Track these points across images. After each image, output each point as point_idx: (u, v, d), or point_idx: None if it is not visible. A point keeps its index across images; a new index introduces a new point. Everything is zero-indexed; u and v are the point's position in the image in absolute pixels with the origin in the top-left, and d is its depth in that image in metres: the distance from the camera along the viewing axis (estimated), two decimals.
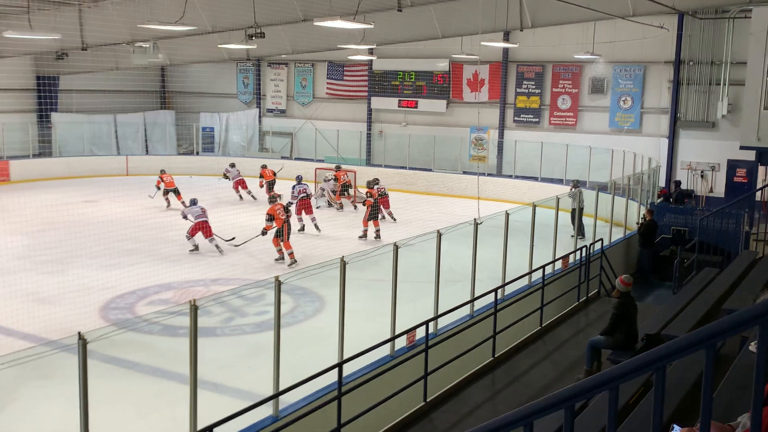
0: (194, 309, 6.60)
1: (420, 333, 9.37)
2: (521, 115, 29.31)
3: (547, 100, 28.67)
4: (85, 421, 5.86)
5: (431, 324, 9.61)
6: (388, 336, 9.12)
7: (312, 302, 13.77)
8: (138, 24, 20.19)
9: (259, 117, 35.48)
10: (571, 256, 14.09)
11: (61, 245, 17.29)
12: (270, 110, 35.55)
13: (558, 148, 26.74)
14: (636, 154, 22.79)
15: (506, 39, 26.74)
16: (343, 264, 8.26)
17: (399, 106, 31.90)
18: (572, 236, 17.22)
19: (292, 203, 20.40)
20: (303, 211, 20.70)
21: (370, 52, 29.38)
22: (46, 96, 30.69)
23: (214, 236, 17.96)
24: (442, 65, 30.38)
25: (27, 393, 9.59)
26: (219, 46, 24.72)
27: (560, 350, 11.70)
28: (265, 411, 7.46)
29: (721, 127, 24.83)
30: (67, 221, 20.17)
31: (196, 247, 17.98)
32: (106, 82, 32.37)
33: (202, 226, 18.01)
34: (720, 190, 24.47)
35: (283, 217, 16.91)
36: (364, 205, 20.78)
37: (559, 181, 25.48)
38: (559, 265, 13.62)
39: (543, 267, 12.64)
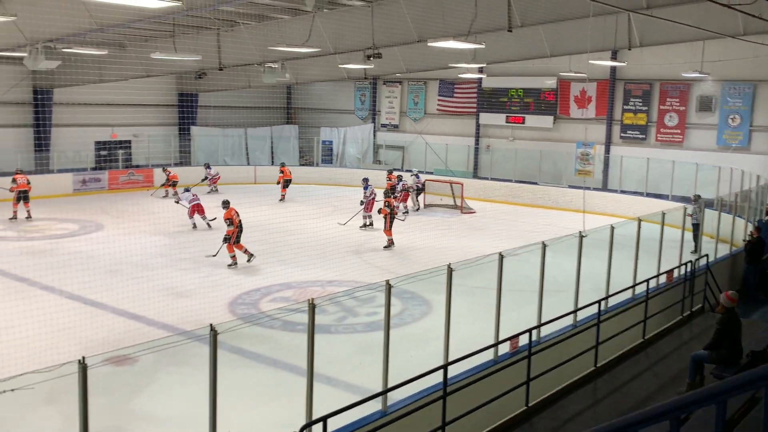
0: (312, 307, 6.73)
1: (523, 340, 9.19)
2: (628, 132, 28.32)
3: (654, 117, 27.58)
4: (214, 404, 6.08)
5: (534, 331, 9.41)
6: (492, 341, 8.99)
7: (419, 306, 13.78)
8: (268, 46, 20.90)
9: (374, 131, 35.95)
10: (676, 271, 13.47)
11: (195, 245, 18.11)
12: (384, 125, 35.95)
13: (664, 165, 25.66)
14: (744, 172, 21.54)
15: (614, 57, 25.95)
16: (450, 271, 8.23)
17: (506, 122, 31.53)
18: (692, 252, 16.45)
19: (363, 202, 21.54)
20: (370, 210, 21.62)
21: (480, 70, 29.20)
22: (186, 111, 32.35)
23: (206, 215, 20.90)
24: (550, 83, 29.81)
25: (163, 377, 10.07)
26: (339, 66, 25.28)
27: (662, 363, 11.19)
28: (374, 406, 7.51)
29: None
30: (202, 224, 21.12)
31: (195, 225, 20.89)
32: (238, 99, 33.77)
33: (198, 207, 21.07)
34: None
35: (238, 220, 16.89)
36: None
37: (665, 197, 24.42)
38: (663, 279, 13.04)
39: (647, 281, 12.15)
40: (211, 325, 5.91)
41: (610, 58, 25.75)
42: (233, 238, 16.69)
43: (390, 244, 19.27)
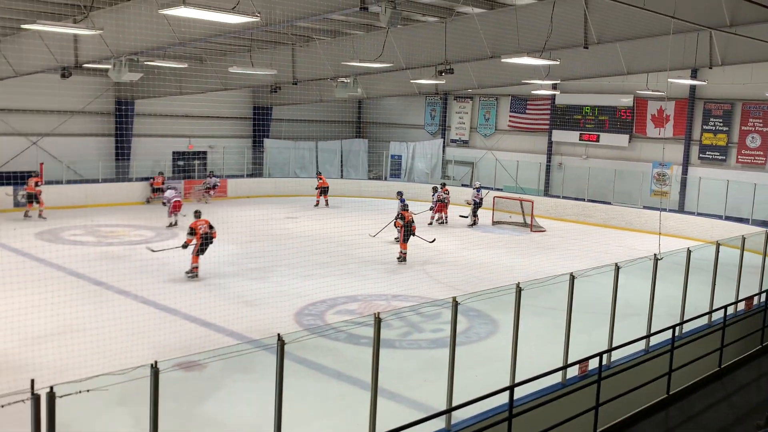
0: (378, 321, 6.73)
1: (593, 364, 8.96)
2: (707, 152, 27.41)
3: (735, 138, 26.61)
4: (279, 413, 6.13)
5: (605, 355, 9.16)
6: (560, 364, 8.79)
7: (485, 324, 13.62)
8: (341, 61, 21.19)
9: (443, 147, 35.90)
10: (756, 298, 12.91)
11: (265, 255, 18.43)
12: (453, 140, 35.87)
13: (745, 187, 24.69)
14: None
15: (694, 76, 25.21)
16: (519, 290, 8.10)
17: (580, 140, 30.99)
18: None
19: (398, 218, 20.42)
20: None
21: (554, 86, 28.84)
22: (260, 124, 33.09)
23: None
24: (626, 101, 29.17)
25: (230, 384, 10.24)
26: (411, 81, 25.38)
27: (740, 393, 10.73)
28: (438, 424, 7.43)
29: None
30: (272, 234, 21.52)
31: (175, 223, 22.36)
32: (310, 113, 34.35)
33: (178, 204, 22.63)
34: None
35: (203, 232, 16.30)
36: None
37: (746, 221, 23.48)
38: (742, 306, 12.52)
39: (725, 307, 11.68)
40: (278, 334, 5.98)
41: (690, 76, 25.03)
42: (195, 248, 16.36)
43: (402, 257, 19.01)
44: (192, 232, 16.30)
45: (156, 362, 5.28)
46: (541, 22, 15.90)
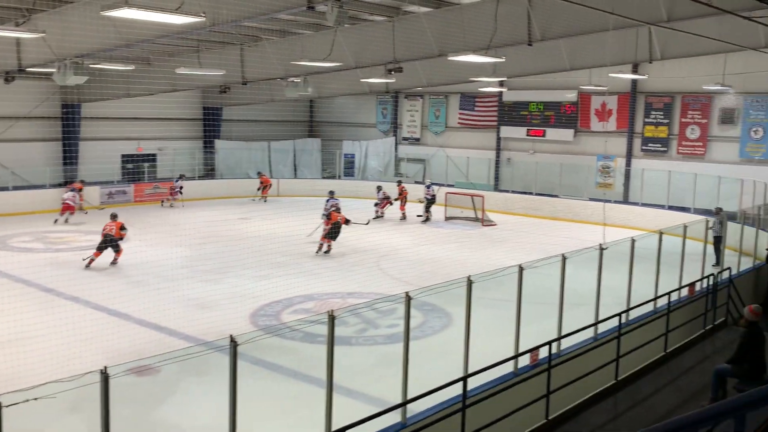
0: (332, 319, 6.73)
1: (543, 353, 9.10)
2: (649, 144, 28.10)
3: (676, 130, 27.34)
4: (233, 415, 6.08)
5: (554, 344, 9.31)
6: (512, 354, 8.92)
7: (440, 318, 13.72)
8: (291, 61, 21.06)
9: (396, 145, 36.02)
10: (698, 284, 13.28)
11: (218, 257, 18.23)
12: (405, 138, 36.01)
13: (686, 177, 25.39)
14: (767, 185, 21.23)
15: (635, 71, 25.79)
16: (470, 283, 8.18)
17: (527, 135, 31.44)
18: (713, 265, 16.24)
19: (324, 215, 21.17)
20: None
21: (501, 84, 29.18)
22: (210, 125, 32.67)
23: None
24: (571, 96, 29.69)
25: (185, 387, 10.10)
26: (361, 80, 25.39)
27: (685, 377, 11.02)
28: (394, 418, 7.46)
29: None
30: (225, 236, 21.28)
31: (66, 221, 23.19)
32: (261, 113, 34.04)
33: (68, 207, 23.64)
34: None
35: (106, 232, 17.70)
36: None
37: (687, 210, 24.14)
38: (685, 292, 12.86)
39: (669, 294, 11.99)
40: (231, 336, 5.93)
41: (631, 71, 25.59)
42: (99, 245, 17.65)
43: (320, 249, 19.72)
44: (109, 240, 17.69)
45: (106, 368, 5.18)
46: (486, 20, 16.07)
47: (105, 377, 5.16)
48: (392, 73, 19.14)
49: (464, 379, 7.72)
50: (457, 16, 17.13)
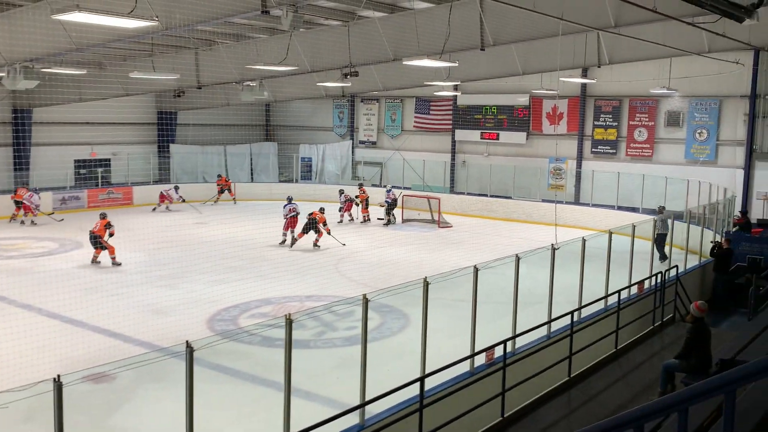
0: (289, 323, 6.70)
1: (498, 351, 9.21)
2: (598, 147, 28.66)
3: (624, 133, 27.95)
4: (190, 420, 6.02)
5: (509, 343, 9.43)
6: (468, 353, 9.00)
7: (398, 319, 13.76)
8: (246, 65, 20.89)
9: (353, 148, 36.03)
10: (647, 282, 13.60)
11: (175, 262, 17.95)
12: (362, 142, 36.05)
13: (634, 178, 26.00)
14: (711, 185, 21.87)
15: (584, 75, 26.31)
16: (426, 284, 8.24)
17: (481, 138, 31.77)
18: (659, 259, 16.69)
19: (285, 219, 21.61)
20: (290, 227, 21.50)
21: (455, 88, 29.42)
22: (165, 129, 32.18)
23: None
24: (523, 100, 30.10)
25: (142, 394, 9.94)
26: (317, 84, 25.33)
27: (635, 372, 11.27)
28: (352, 419, 7.47)
29: None
30: (181, 241, 20.98)
31: (22, 222, 23.91)
32: (217, 117, 33.69)
33: (28, 207, 23.85)
34: None
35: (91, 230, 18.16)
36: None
37: (635, 210, 24.70)
38: (634, 290, 13.16)
39: (619, 291, 12.25)
40: (187, 341, 5.86)
41: (581, 75, 26.10)
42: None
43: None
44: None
45: (59, 376, 5.07)
46: (440, 25, 16.19)
47: (59, 385, 5.06)
48: (348, 77, 19.14)
49: (421, 379, 7.77)
50: (411, 22, 17.22)
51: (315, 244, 20.83)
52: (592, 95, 28.50)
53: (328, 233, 21.14)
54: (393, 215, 26.38)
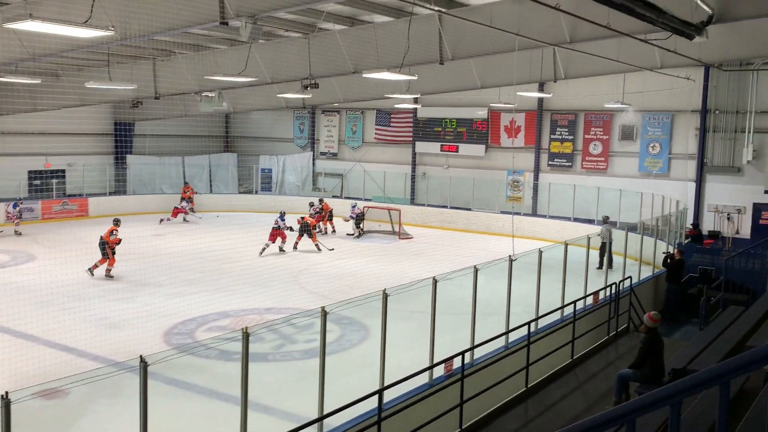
0: (246, 336, 6.63)
1: (457, 363, 9.25)
2: (555, 160, 29.08)
3: (580, 146, 28.43)
4: None
5: (468, 354, 9.48)
6: (427, 365, 9.02)
7: (358, 331, 13.72)
8: (205, 76, 20.70)
9: (313, 159, 35.93)
10: (602, 292, 13.82)
11: (131, 275, 17.64)
12: (323, 153, 35.97)
13: (590, 191, 26.44)
14: (664, 197, 22.37)
15: (541, 89, 26.70)
16: (385, 296, 8.24)
17: (441, 150, 31.98)
18: (597, 268, 16.99)
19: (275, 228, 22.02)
20: (278, 238, 21.98)
21: (415, 101, 29.59)
22: (122, 140, 31.64)
23: None
24: (481, 113, 30.42)
25: (95, 409, 9.71)
26: (277, 95, 25.22)
27: (591, 382, 11.42)
28: None
29: (746, 172, 24.28)
30: (138, 253, 20.60)
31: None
32: (175, 128, 33.27)
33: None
34: (746, 232, 23.85)
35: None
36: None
37: (591, 222, 25.11)
38: (590, 300, 13.36)
39: (574, 302, 12.42)
40: (141, 356, 5.75)
41: (537, 89, 26.48)
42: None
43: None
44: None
45: (7, 393, 4.92)
46: (399, 39, 16.29)
47: (6, 403, 4.91)
48: (308, 88, 19.11)
49: (380, 392, 7.75)
50: (371, 35, 17.30)
51: (317, 247, 22.13)
52: (549, 109, 28.95)
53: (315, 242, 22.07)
54: (362, 228, 26.37)
